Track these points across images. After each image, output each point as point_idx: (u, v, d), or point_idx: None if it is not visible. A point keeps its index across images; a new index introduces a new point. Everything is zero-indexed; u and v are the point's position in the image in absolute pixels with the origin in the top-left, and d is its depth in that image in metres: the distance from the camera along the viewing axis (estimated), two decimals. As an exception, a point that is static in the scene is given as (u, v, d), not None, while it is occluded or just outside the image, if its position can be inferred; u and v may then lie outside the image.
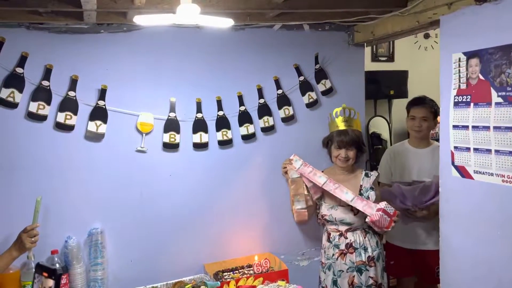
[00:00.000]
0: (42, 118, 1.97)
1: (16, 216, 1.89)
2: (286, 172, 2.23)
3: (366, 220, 2.09)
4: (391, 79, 3.73)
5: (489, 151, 1.59)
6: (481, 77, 1.62)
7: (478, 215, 1.65)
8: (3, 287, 1.86)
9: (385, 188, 2.41)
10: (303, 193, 2.20)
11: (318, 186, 2.18)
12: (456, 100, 1.73)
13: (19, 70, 1.91)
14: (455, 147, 1.74)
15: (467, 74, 1.68)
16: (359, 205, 2.10)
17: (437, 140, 2.61)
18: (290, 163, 2.22)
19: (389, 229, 2.08)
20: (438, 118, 1.98)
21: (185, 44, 2.20)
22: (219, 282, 2.03)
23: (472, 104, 1.65)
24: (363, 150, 2.30)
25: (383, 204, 2.06)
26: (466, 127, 1.68)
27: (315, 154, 2.42)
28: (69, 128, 2.01)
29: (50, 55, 1.97)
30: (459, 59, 1.70)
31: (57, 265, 1.94)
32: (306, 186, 2.22)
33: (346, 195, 2.12)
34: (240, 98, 2.31)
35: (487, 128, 1.59)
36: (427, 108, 2.45)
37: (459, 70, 1.71)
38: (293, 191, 2.21)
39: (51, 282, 0.90)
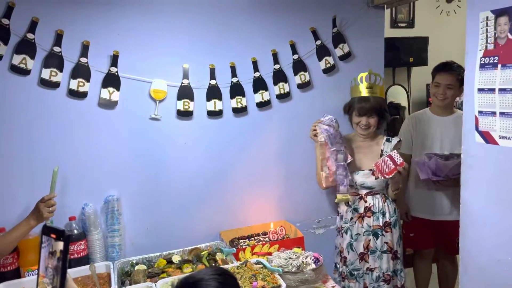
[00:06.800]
0: (55, 85, 1.95)
1: (33, 184, 1.91)
2: (315, 135, 2.14)
3: (372, 165, 2.07)
4: (411, 46, 3.60)
5: (516, 114, 1.51)
6: (510, 36, 1.52)
7: (502, 181, 1.59)
8: (24, 252, 1.91)
9: (419, 160, 2.32)
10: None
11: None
12: (482, 62, 1.64)
13: (30, 36, 1.88)
14: (480, 112, 1.66)
15: (495, 33, 1.58)
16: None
17: (460, 108, 2.53)
18: (320, 123, 2.12)
19: (390, 177, 2.00)
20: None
21: (198, 8, 2.12)
22: (234, 249, 2.04)
23: (499, 65, 1.56)
24: (386, 117, 2.23)
25: (393, 152, 2.01)
26: (492, 90, 1.59)
27: (332, 122, 2.37)
28: (82, 95, 1.99)
29: (60, 20, 1.92)
30: (487, 17, 1.60)
31: (75, 231, 1.98)
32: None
33: None
34: (255, 63, 2.24)
35: (515, 90, 1.51)
36: (453, 75, 2.32)
37: (487, 30, 1.61)
38: (321, 155, 2.16)
39: (61, 245, 0.87)
